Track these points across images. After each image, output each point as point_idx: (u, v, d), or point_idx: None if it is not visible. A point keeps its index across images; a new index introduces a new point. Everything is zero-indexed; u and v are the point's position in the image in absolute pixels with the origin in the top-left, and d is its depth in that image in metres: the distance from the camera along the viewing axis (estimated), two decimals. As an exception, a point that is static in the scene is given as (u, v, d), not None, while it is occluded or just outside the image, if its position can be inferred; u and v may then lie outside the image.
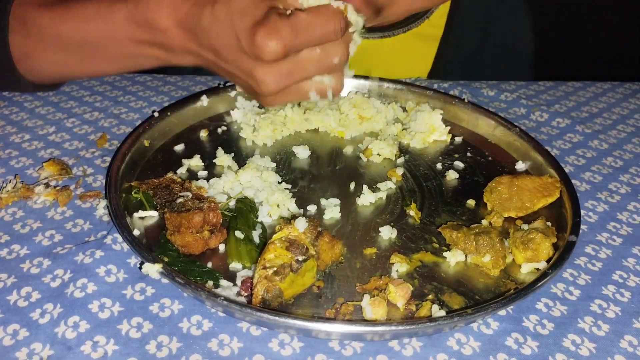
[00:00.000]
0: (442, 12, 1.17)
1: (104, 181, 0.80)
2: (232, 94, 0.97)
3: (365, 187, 0.81)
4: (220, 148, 0.87)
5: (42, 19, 0.85)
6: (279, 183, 0.81)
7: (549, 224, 0.73)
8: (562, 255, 0.68)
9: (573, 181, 0.82)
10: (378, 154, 0.89)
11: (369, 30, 1.15)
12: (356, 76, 1.04)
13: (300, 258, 0.63)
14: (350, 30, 0.71)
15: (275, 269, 0.61)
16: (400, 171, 0.85)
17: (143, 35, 0.77)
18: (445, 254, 0.71)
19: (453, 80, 1.14)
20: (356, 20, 0.72)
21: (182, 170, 0.83)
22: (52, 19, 0.84)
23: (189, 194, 0.73)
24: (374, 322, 0.60)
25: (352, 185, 0.82)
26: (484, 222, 0.76)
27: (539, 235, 0.69)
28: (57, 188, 0.77)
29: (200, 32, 0.71)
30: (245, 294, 0.63)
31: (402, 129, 0.95)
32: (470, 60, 1.23)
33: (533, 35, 1.28)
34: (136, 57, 0.83)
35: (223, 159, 0.85)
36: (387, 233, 0.73)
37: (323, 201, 0.78)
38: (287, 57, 0.67)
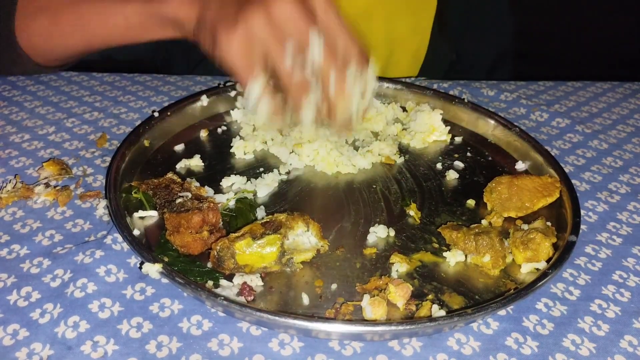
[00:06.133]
0: None
1: (104, 181, 0.80)
2: (232, 94, 0.97)
3: (365, 187, 0.80)
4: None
5: None
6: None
7: (549, 224, 0.73)
8: (562, 255, 0.68)
9: (573, 181, 0.82)
10: (378, 154, 0.89)
11: None
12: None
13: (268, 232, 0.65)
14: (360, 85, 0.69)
15: (240, 234, 0.65)
16: (399, 160, 0.88)
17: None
18: (445, 254, 0.71)
19: (454, 40, 1.14)
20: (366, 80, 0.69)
21: (182, 170, 0.83)
22: None
23: (189, 194, 0.73)
24: (374, 322, 0.60)
25: (352, 185, 0.82)
26: (484, 222, 0.76)
27: (539, 235, 0.69)
28: (57, 188, 0.77)
29: None
30: (249, 298, 0.63)
31: (402, 129, 0.95)
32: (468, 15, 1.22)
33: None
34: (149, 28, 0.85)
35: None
36: (387, 233, 0.73)
37: (323, 201, 0.78)
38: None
